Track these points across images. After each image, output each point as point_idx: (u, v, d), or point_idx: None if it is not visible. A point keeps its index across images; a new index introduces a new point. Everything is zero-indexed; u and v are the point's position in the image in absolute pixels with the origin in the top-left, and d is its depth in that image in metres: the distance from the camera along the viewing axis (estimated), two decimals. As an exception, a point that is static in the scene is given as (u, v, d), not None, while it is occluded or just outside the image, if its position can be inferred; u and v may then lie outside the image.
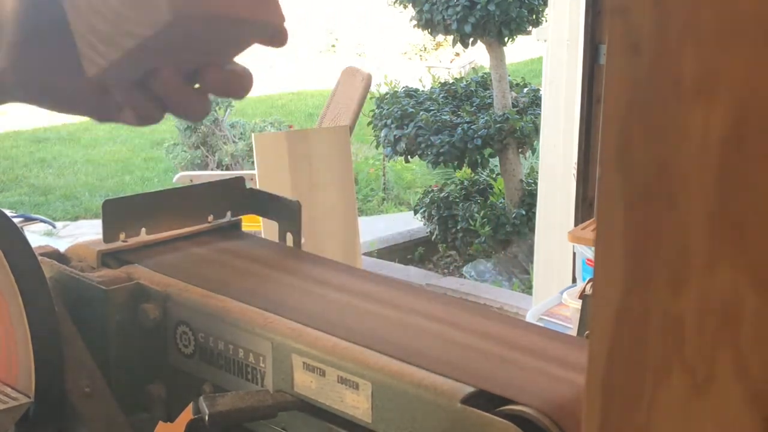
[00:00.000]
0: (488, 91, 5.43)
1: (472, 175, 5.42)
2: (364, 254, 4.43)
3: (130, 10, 0.50)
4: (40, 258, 0.72)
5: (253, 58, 0.59)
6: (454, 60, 8.40)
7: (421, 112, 5.14)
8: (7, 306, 0.68)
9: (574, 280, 3.30)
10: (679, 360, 0.27)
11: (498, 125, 5.03)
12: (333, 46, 10.27)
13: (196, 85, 0.55)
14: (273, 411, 0.63)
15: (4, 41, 0.51)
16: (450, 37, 5.19)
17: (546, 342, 0.63)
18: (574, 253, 3.28)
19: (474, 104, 5.36)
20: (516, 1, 4.94)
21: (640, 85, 0.26)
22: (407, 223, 5.54)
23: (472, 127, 5.05)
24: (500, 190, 5.24)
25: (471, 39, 5.05)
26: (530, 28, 5.13)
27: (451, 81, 5.94)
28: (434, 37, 5.74)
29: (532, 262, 4.17)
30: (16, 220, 0.70)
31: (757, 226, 0.25)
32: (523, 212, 5.01)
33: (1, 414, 0.67)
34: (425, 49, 9.32)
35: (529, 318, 2.89)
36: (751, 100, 0.24)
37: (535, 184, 4.35)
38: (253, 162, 3.40)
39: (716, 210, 0.25)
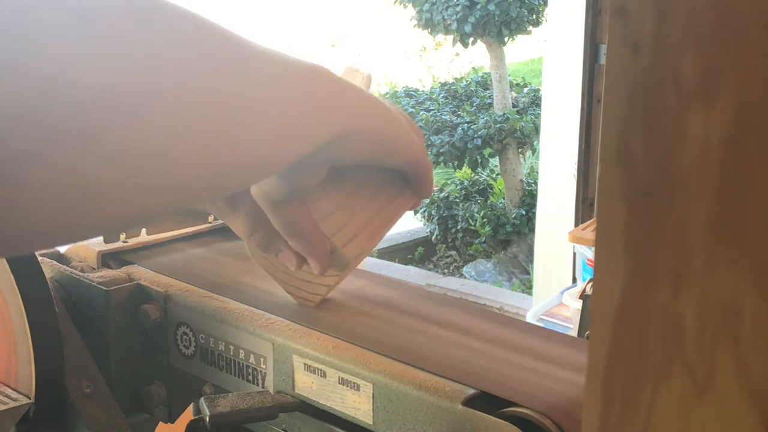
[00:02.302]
0: (488, 91, 5.44)
1: (472, 175, 5.42)
2: (365, 254, 4.42)
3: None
4: (40, 258, 0.72)
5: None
6: (454, 60, 8.40)
7: (421, 112, 5.15)
8: (7, 306, 0.68)
9: (574, 280, 3.31)
10: (679, 360, 0.27)
11: (498, 125, 5.04)
12: (333, 46, 10.27)
13: None
14: (274, 412, 0.63)
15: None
16: (450, 37, 5.20)
17: (546, 343, 0.63)
18: (574, 253, 3.28)
19: (474, 104, 5.36)
20: (516, 1, 4.94)
21: (640, 85, 0.26)
22: (407, 223, 5.55)
23: (472, 127, 5.06)
24: (500, 190, 5.25)
25: (471, 39, 5.06)
26: (530, 28, 5.14)
27: (451, 81, 5.95)
28: (434, 37, 5.74)
29: (532, 262, 4.17)
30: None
31: (758, 227, 0.25)
32: (523, 212, 5.02)
33: (1, 414, 0.67)
34: (425, 49, 9.32)
35: (530, 318, 2.89)
36: (752, 100, 0.24)
37: (535, 184, 4.36)
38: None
39: (716, 210, 0.25)
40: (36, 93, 0.33)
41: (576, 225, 3.23)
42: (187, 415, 0.74)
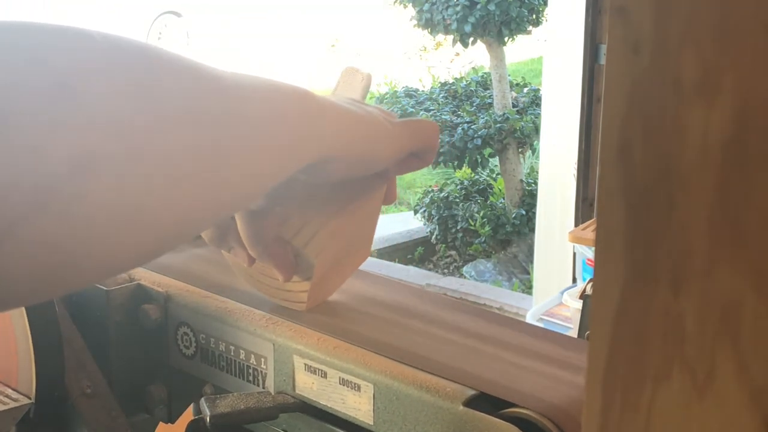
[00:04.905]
0: (488, 91, 5.44)
1: (472, 175, 5.42)
2: (365, 254, 4.42)
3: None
4: (40, 259, 0.72)
5: (252, 58, 0.60)
6: (454, 60, 8.40)
7: (421, 112, 5.15)
8: (8, 307, 0.68)
9: (574, 280, 3.31)
10: (679, 360, 0.27)
11: (498, 125, 5.04)
12: (333, 46, 10.27)
13: None
14: (274, 412, 0.63)
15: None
16: (450, 37, 5.20)
17: (546, 344, 0.63)
18: (574, 253, 3.28)
19: (474, 104, 5.36)
20: (516, 1, 4.94)
21: (640, 85, 0.26)
22: (407, 223, 5.54)
23: (472, 127, 5.06)
24: (500, 190, 5.25)
25: (471, 39, 5.06)
26: (530, 28, 5.14)
27: (451, 81, 5.95)
28: (434, 37, 5.74)
29: (532, 262, 4.17)
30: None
31: (758, 226, 0.25)
32: (523, 212, 5.02)
33: (1, 414, 0.67)
34: (425, 49, 9.31)
35: (529, 318, 2.90)
36: (752, 100, 0.24)
37: (535, 184, 4.36)
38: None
39: (716, 210, 0.26)
40: (11, 168, 0.32)
41: (576, 225, 3.23)
42: (188, 415, 0.74)
